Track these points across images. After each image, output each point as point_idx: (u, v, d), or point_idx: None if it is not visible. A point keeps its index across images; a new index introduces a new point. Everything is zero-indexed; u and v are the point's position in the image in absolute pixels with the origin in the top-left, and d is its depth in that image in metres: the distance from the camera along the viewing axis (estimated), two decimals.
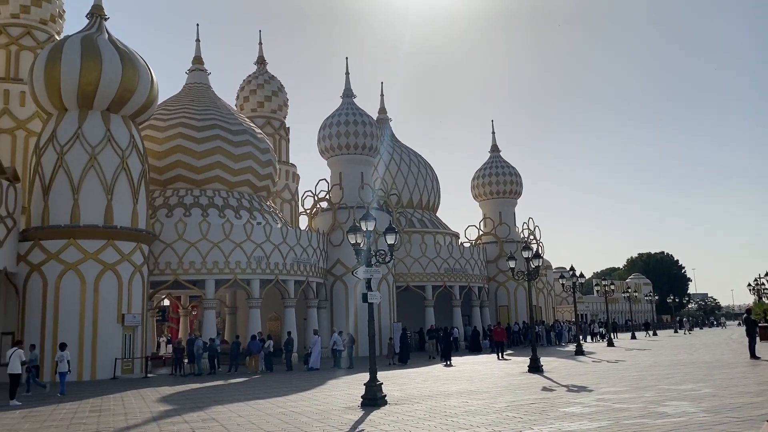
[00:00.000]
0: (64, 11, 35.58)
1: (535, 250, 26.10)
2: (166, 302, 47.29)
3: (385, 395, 15.15)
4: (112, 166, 26.83)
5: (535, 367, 22.71)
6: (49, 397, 19.07)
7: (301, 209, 42.79)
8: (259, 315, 31.45)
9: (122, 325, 25.92)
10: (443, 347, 29.58)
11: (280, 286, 32.24)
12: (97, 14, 29.18)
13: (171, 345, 39.66)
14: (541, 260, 26.43)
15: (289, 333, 30.46)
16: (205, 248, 29.81)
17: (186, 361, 27.91)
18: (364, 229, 15.53)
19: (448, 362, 28.44)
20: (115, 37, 28.38)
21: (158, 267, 29.32)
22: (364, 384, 15.13)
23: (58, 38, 33.08)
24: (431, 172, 48.38)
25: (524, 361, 25.27)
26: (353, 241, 15.69)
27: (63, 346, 20.54)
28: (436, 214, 48.93)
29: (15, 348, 18.25)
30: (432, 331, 34.37)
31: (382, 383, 15.25)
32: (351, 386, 19.64)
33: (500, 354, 31.98)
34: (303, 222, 44.81)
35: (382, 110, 50.44)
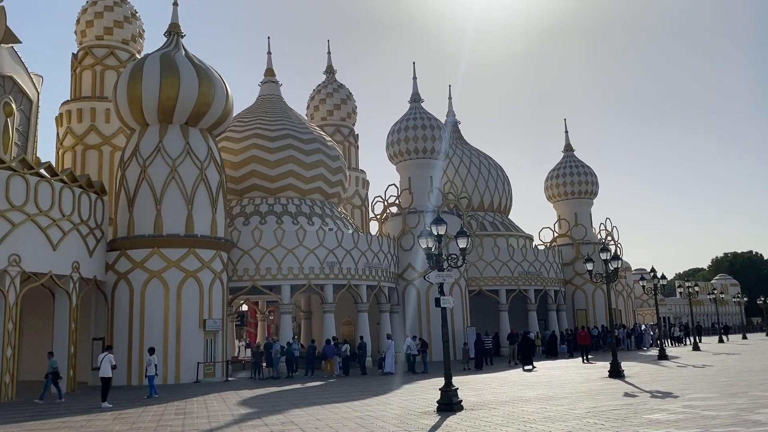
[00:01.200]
0: (143, 31, 37.38)
1: (613, 251, 25.30)
2: (245, 307, 48.74)
3: (461, 400, 15.04)
4: (192, 177, 27.91)
5: (615, 372, 22.00)
6: (138, 399, 19.99)
7: (371, 215, 43.21)
8: (333, 319, 31.89)
9: (204, 330, 26.86)
10: (523, 352, 29.30)
11: (352, 291, 32.61)
12: (174, 32, 30.49)
13: (250, 349, 40.84)
14: (619, 262, 25.60)
15: (361, 337, 30.73)
16: (280, 254, 30.53)
17: (264, 364, 28.63)
18: (435, 233, 15.50)
19: (529, 367, 28.14)
20: (191, 54, 29.56)
21: (236, 273, 30.24)
22: (440, 389, 15.07)
23: (139, 57, 34.78)
24: (502, 174, 47.72)
25: (604, 366, 24.52)
26: (424, 246, 15.68)
27: (152, 351, 21.51)
28: (509, 217, 48.20)
29: (105, 353, 19.23)
30: (512, 336, 33.83)
31: (457, 388, 15.15)
32: (426, 391, 19.60)
33: (585, 357, 31.82)
34: (373, 227, 45.13)
35: (451, 113, 50.22)
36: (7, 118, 25.71)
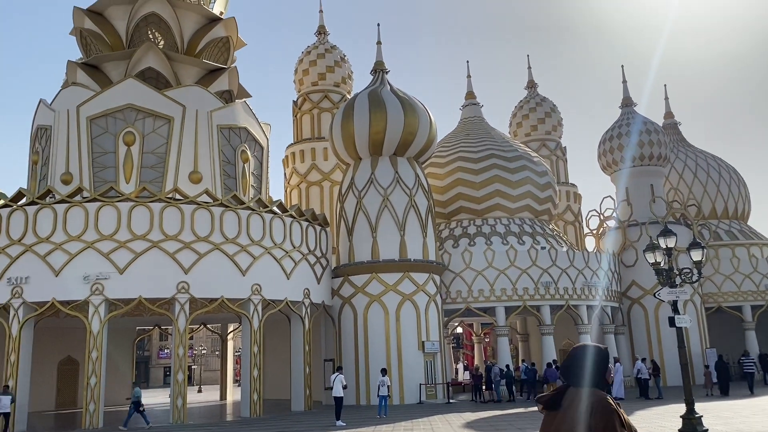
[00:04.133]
0: (352, 72, 40.22)
1: None
2: (459, 329, 49.11)
3: (707, 429, 13.42)
4: (402, 204, 29.05)
5: None
6: (368, 418, 20.94)
7: (586, 230, 41.06)
8: (552, 342, 30.67)
9: (423, 352, 27.49)
10: None
11: (571, 312, 31.13)
12: (379, 69, 32.29)
13: (468, 371, 40.96)
14: None
15: None
16: (491, 276, 30.27)
17: (484, 387, 28.39)
18: (664, 246, 14.17)
19: None
20: (396, 88, 31.01)
21: (450, 296, 30.57)
22: (681, 416, 13.61)
23: (349, 97, 37.38)
24: (736, 176, 42.51)
25: None
26: (652, 260, 14.41)
27: (384, 372, 22.56)
28: (748, 223, 42.70)
29: (337, 373, 20.53)
30: None
31: (701, 416, 13.56)
32: (663, 418, 17.86)
33: None
34: (590, 243, 42.85)
35: (668, 115, 46.24)
36: (244, 164, 29.10)
